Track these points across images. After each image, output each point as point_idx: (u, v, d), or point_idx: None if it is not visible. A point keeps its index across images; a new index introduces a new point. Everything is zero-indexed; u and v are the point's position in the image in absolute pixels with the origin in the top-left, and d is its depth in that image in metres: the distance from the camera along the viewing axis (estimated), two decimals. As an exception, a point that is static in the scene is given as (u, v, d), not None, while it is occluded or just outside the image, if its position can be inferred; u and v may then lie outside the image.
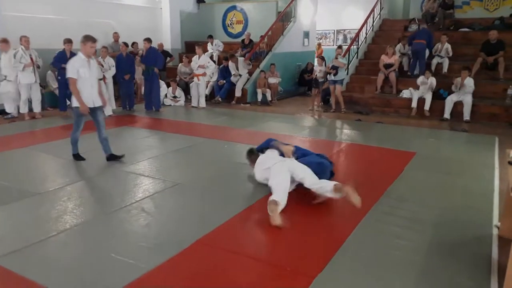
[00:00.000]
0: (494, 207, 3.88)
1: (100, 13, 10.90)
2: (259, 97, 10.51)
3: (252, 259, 2.93)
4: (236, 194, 4.17)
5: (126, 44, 9.65)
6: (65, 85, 8.51)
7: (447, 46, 9.36)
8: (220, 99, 10.53)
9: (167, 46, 12.60)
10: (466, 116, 7.99)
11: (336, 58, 9.08)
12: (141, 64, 9.64)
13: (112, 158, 5.31)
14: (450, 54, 9.37)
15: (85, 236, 3.31)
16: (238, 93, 10.51)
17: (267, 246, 3.14)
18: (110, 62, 8.78)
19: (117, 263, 2.86)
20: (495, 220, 3.58)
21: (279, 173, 3.85)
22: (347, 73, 9.93)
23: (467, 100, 7.96)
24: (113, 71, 8.81)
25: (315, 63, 10.85)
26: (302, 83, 12.65)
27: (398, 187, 4.37)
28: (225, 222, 3.49)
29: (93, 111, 5.09)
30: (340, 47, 9.73)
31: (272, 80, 10.73)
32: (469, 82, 8.03)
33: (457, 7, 11.65)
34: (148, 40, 9.32)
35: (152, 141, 6.62)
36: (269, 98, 10.56)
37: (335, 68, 9.00)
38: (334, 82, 9.16)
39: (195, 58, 9.95)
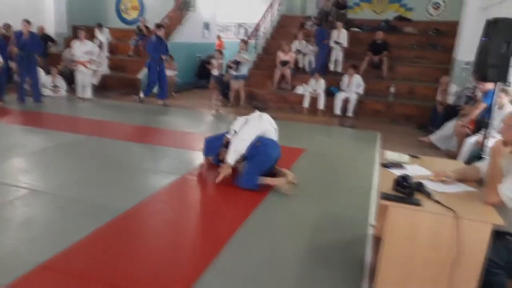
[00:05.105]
0: (371, 205, 3.94)
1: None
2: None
3: (107, 284, 2.49)
4: (103, 203, 3.62)
5: None
6: None
7: (344, 32, 9.52)
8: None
9: (50, 30, 11.23)
10: (350, 112, 8.38)
11: (240, 52, 8.83)
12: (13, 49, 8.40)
13: None
14: (345, 44, 9.56)
15: None
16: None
17: (135, 259, 2.73)
18: None
19: None
20: (372, 219, 3.62)
21: None
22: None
23: (352, 97, 8.34)
24: None
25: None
26: (202, 76, 12.22)
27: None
28: (84, 237, 2.97)
29: None
30: (244, 41, 9.52)
31: (168, 73, 10.12)
32: (358, 80, 8.42)
33: (349, 7, 12.22)
34: (28, 22, 8.28)
35: (17, 139, 5.66)
36: (165, 91, 9.94)
37: (237, 63, 8.74)
38: (236, 77, 8.90)
39: (76, 43, 8.92)
